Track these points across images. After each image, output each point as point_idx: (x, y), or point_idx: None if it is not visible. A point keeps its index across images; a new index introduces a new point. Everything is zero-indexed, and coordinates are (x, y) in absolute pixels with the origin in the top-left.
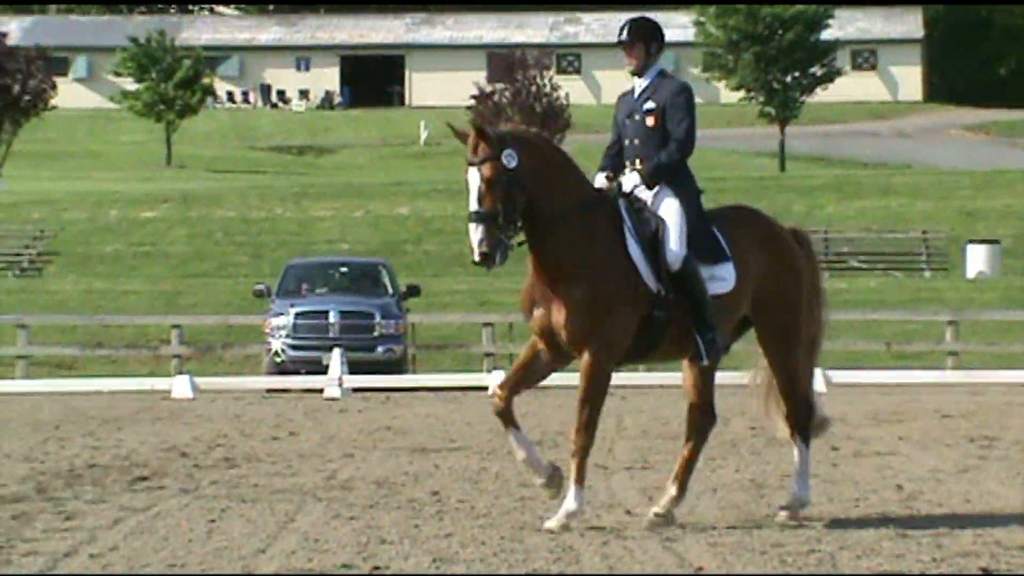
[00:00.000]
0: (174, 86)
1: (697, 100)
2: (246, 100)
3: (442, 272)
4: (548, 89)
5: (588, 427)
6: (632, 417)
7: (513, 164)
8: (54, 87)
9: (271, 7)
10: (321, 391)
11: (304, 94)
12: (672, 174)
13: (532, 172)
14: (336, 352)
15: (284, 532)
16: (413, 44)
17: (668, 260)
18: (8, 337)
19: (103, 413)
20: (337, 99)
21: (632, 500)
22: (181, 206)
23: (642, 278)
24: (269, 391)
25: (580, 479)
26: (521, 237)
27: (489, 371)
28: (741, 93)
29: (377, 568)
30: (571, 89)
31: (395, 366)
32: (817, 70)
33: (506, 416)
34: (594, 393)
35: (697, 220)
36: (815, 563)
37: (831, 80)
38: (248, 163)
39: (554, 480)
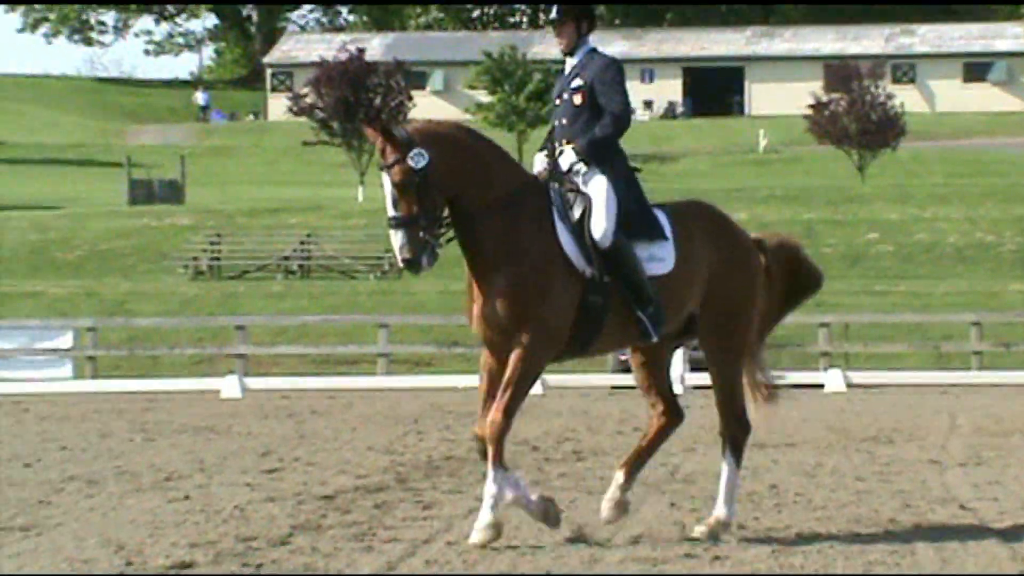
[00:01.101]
0: (525, 98)
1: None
2: None
3: None
4: (883, 98)
5: (509, 411)
6: (966, 414)
7: (422, 164)
8: (411, 99)
9: (616, 21)
10: None
11: (648, 105)
12: (607, 149)
13: (448, 168)
14: (678, 351)
15: (628, 523)
16: (753, 56)
17: (594, 238)
18: (370, 336)
19: (459, 408)
20: (680, 109)
21: (966, 495)
22: None
23: (572, 262)
24: (614, 388)
25: (499, 460)
26: (451, 234)
27: (824, 369)
28: None
29: (717, 558)
30: (905, 98)
31: None
32: None
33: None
34: (523, 376)
35: (631, 198)
36: None
37: None
38: None
39: (550, 514)
